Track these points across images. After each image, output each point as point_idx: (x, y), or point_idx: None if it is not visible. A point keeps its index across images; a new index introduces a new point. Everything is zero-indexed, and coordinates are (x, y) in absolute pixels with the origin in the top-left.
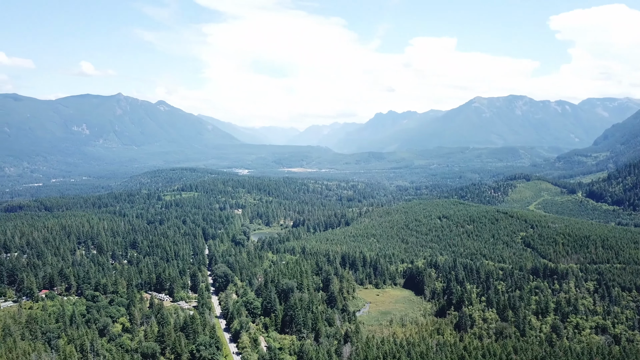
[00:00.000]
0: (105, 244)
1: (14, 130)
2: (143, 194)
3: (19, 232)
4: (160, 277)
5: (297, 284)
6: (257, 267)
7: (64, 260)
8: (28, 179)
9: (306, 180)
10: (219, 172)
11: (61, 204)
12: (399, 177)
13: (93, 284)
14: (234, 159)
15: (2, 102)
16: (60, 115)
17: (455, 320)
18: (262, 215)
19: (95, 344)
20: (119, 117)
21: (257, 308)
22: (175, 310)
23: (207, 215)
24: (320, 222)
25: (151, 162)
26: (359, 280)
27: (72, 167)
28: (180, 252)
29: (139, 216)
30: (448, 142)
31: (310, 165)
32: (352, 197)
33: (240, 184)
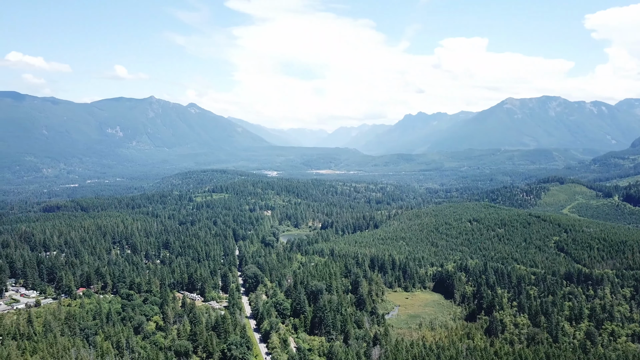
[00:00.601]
0: (139, 244)
1: (51, 132)
2: (175, 195)
3: (57, 232)
4: (192, 277)
5: (326, 286)
6: (286, 269)
7: (100, 259)
8: (65, 179)
9: (334, 182)
10: (249, 173)
11: (97, 204)
12: (428, 180)
13: (128, 283)
14: (263, 160)
15: (41, 106)
16: (96, 118)
17: (485, 324)
18: (290, 216)
19: (130, 341)
20: (152, 119)
21: (287, 309)
22: (206, 310)
23: (237, 216)
24: (349, 224)
25: (182, 163)
26: (388, 283)
27: (106, 169)
28: (212, 252)
29: (171, 217)
30: (479, 144)
31: (339, 167)
32: (380, 199)
33: (270, 185)
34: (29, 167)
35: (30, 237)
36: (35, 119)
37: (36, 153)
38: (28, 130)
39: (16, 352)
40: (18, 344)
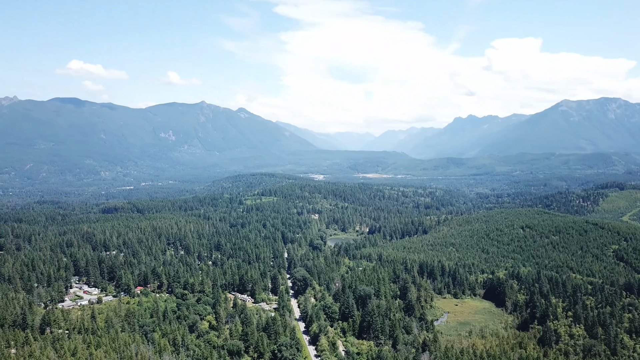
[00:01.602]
0: (192, 245)
1: (109, 137)
2: (225, 198)
3: (116, 233)
4: (243, 278)
5: (374, 290)
6: (334, 272)
7: (156, 259)
8: (121, 182)
9: (382, 186)
10: (296, 177)
11: (151, 206)
12: (479, 184)
13: (182, 283)
14: (309, 164)
15: (99, 111)
16: (150, 123)
17: (538, 334)
18: (338, 220)
19: (185, 339)
20: (203, 124)
21: (335, 312)
22: (257, 311)
23: (286, 219)
24: (397, 229)
25: (232, 167)
26: (437, 289)
27: (159, 172)
28: (261, 255)
29: (222, 219)
30: (532, 147)
31: (386, 171)
32: (429, 204)
33: (317, 189)
34: (88, 170)
35: (92, 237)
36: (94, 124)
37: (95, 157)
38: (87, 135)
39: (82, 345)
40: (83, 338)
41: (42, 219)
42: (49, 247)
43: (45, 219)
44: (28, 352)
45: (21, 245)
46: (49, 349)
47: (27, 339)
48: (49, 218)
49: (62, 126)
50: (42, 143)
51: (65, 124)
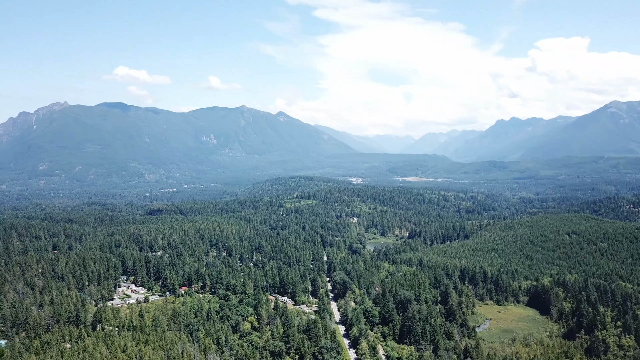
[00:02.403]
0: (234, 247)
1: (153, 140)
2: (265, 200)
3: (161, 234)
4: (283, 280)
5: (414, 295)
6: (373, 277)
7: (199, 260)
8: (164, 184)
9: (422, 190)
10: (334, 180)
11: (194, 208)
12: (522, 188)
13: (224, 284)
14: (348, 167)
15: (144, 115)
16: (192, 127)
17: (585, 344)
18: (377, 224)
19: (229, 339)
20: (243, 127)
21: (375, 317)
22: (297, 313)
23: (325, 222)
24: (438, 234)
25: (271, 170)
26: (479, 295)
27: (201, 174)
28: (301, 257)
29: (262, 222)
30: (578, 151)
31: (426, 174)
32: (471, 208)
33: (356, 192)
34: (133, 172)
35: (138, 238)
36: (139, 128)
37: (139, 159)
38: (133, 139)
39: (131, 342)
40: (132, 335)
41: (91, 219)
42: (99, 247)
43: (94, 219)
44: (82, 348)
45: (73, 244)
46: (101, 344)
47: (80, 335)
48: (98, 219)
49: (109, 130)
50: (91, 146)
51: (111, 128)
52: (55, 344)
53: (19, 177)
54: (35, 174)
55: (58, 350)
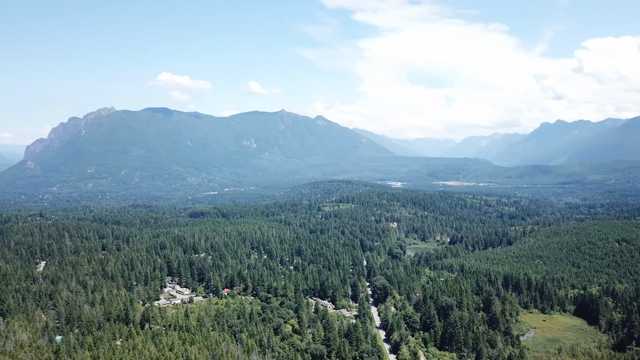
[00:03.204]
0: (275, 250)
1: (195, 144)
2: (304, 204)
3: (204, 236)
4: (323, 284)
5: (456, 302)
6: (414, 282)
7: (241, 263)
8: (205, 187)
9: (463, 194)
10: (373, 184)
11: (235, 211)
12: (568, 194)
13: (266, 287)
14: (387, 171)
15: (186, 120)
16: (233, 131)
17: (636, 356)
18: (417, 229)
19: (271, 341)
20: (282, 131)
21: (416, 322)
22: (338, 317)
23: (364, 227)
24: (480, 239)
25: (310, 173)
26: (523, 303)
27: (241, 178)
28: (341, 261)
29: (302, 225)
30: (629, 154)
31: (467, 178)
32: (514, 214)
33: (395, 197)
34: (176, 175)
35: (182, 240)
36: (181, 132)
37: (182, 163)
38: (175, 143)
39: (178, 341)
40: (179, 334)
41: (137, 221)
42: (145, 248)
43: (140, 221)
44: (132, 345)
45: (121, 245)
46: (150, 343)
47: (130, 333)
48: (143, 221)
49: (152, 134)
50: (136, 150)
51: (155, 132)
52: (107, 340)
53: (69, 179)
54: (83, 176)
55: (110, 347)
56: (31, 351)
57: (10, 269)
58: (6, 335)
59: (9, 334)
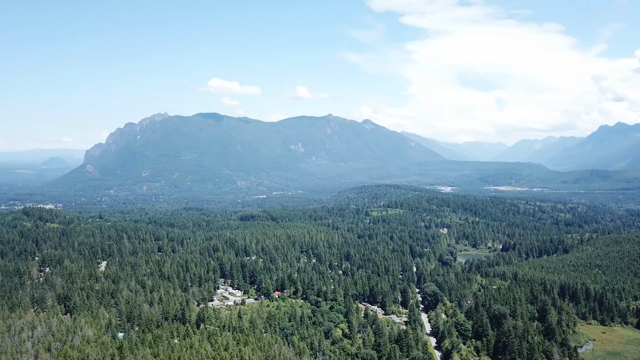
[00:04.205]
0: (324, 254)
1: (244, 148)
2: (352, 208)
3: (254, 239)
4: (373, 289)
5: (509, 310)
6: (465, 289)
7: (291, 266)
8: (254, 191)
9: (516, 200)
10: (422, 189)
11: (284, 215)
12: (630, 200)
13: (315, 290)
14: (436, 175)
15: (236, 125)
16: (281, 135)
17: None
18: (468, 236)
19: (322, 345)
20: (329, 136)
21: (468, 330)
22: (387, 323)
23: (413, 232)
24: (534, 247)
25: (357, 177)
26: (581, 314)
27: (289, 182)
28: (390, 267)
29: (349, 230)
30: None
31: (520, 183)
32: (570, 221)
33: (445, 202)
34: (226, 179)
35: (234, 243)
36: (231, 137)
37: (232, 167)
38: (225, 147)
39: (232, 342)
40: (233, 335)
41: (190, 224)
42: (199, 250)
43: (193, 224)
44: (189, 344)
45: (175, 247)
46: (206, 342)
47: (187, 332)
48: (196, 224)
49: (204, 139)
50: (188, 154)
51: (206, 137)
52: (165, 339)
53: (125, 182)
54: (139, 180)
55: (169, 345)
56: (97, 346)
57: (75, 268)
58: (74, 331)
59: (76, 329)
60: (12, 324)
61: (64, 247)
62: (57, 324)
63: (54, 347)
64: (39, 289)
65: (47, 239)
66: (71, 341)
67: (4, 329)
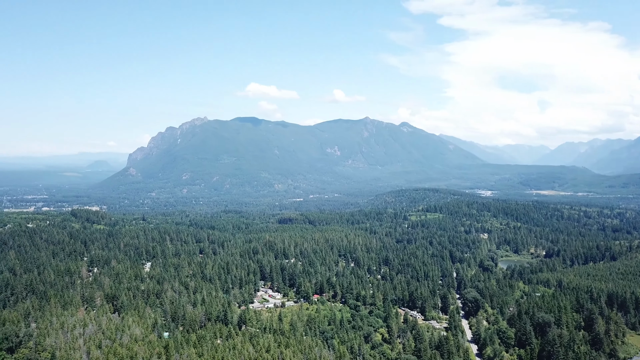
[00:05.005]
0: (362, 258)
1: (281, 152)
2: (390, 212)
3: (293, 242)
4: (412, 295)
5: (554, 319)
6: (507, 296)
7: (330, 270)
8: (291, 194)
9: (559, 205)
10: (461, 193)
11: (321, 218)
12: None
13: (354, 295)
14: (475, 179)
15: (274, 129)
16: (317, 139)
17: None
18: (509, 241)
19: (362, 349)
20: (366, 139)
21: (511, 338)
22: (427, 329)
23: (453, 237)
24: (579, 254)
25: (394, 181)
26: (630, 324)
27: (325, 185)
28: (430, 272)
29: (388, 234)
30: None
31: (564, 188)
32: (618, 227)
33: (485, 207)
34: (264, 182)
35: (273, 246)
36: (269, 141)
37: (269, 170)
38: (263, 151)
39: (274, 344)
40: (274, 337)
41: (229, 226)
42: (239, 253)
43: (232, 226)
44: (232, 345)
45: (216, 249)
46: (248, 343)
47: (229, 333)
48: (235, 226)
49: (242, 143)
50: (226, 158)
51: (244, 140)
52: (209, 339)
53: (166, 185)
54: (179, 182)
55: (212, 345)
56: (144, 345)
57: (122, 269)
58: (122, 329)
59: (125, 328)
60: (65, 322)
61: (110, 248)
62: (107, 322)
63: (104, 344)
64: (88, 288)
65: (94, 240)
66: (120, 339)
67: (58, 326)
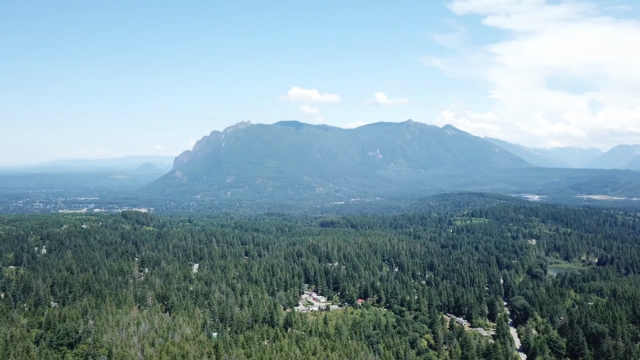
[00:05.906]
0: (406, 263)
1: (323, 155)
2: (434, 217)
3: (336, 246)
4: (458, 301)
5: (608, 329)
6: (558, 305)
7: (374, 274)
8: (332, 197)
9: (612, 210)
10: (507, 197)
11: (364, 222)
12: None
13: (399, 300)
14: (522, 183)
15: (315, 132)
16: (359, 142)
17: None
18: (559, 248)
19: (407, 354)
20: (409, 142)
21: (562, 348)
22: (474, 336)
23: (499, 243)
24: (634, 262)
25: (437, 184)
26: None
27: (367, 188)
28: (476, 279)
29: (432, 239)
30: None
31: (617, 192)
32: None
33: (533, 212)
34: (306, 185)
35: (316, 249)
36: (310, 144)
37: (311, 173)
38: (305, 154)
39: (320, 347)
40: (320, 340)
41: (273, 229)
42: (283, 255)
43: (276, 229)
44: (278, 347)
45: (261, 252)
46: (294, 346)
47: (276, 335)
48: (279, 229)
49: (284, 146)
50: (269, 161)
51: (287, 144)
52: (256, 340)
53: (211, 188)
54: (223, 185)
55: (259, 346)
56: (195, 344)
57: (171, 270)
58: (173, 329)
59: (176, 327)
60: (120, 319)
61: (160, 249)
62: (159, 321)
63: (157, 342)
64: (140, 287)
65: (144, 241)
66: (172, 338)
67: (114, 324)
